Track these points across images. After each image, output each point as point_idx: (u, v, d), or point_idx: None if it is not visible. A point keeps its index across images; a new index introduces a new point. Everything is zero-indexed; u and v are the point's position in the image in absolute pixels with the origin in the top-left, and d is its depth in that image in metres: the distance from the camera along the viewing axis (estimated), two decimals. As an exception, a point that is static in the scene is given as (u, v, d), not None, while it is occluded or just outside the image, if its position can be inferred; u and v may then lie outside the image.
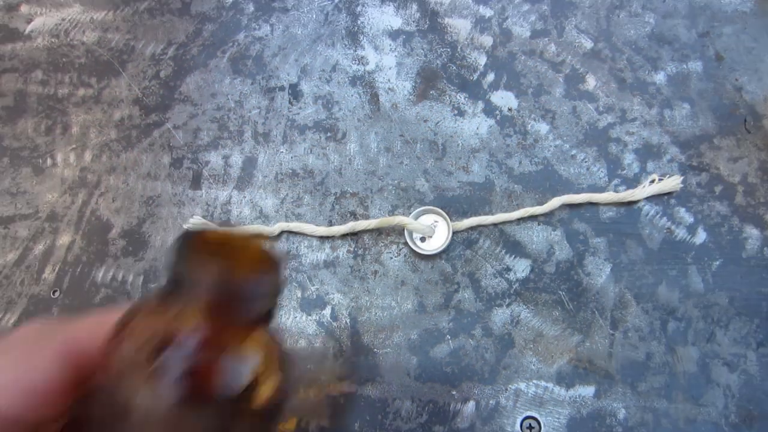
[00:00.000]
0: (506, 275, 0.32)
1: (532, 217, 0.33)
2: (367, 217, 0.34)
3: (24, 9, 0.41)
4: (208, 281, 0.17)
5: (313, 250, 0.33)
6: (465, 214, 0.33)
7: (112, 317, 0.20)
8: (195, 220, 0.33)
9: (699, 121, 0.36)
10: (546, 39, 0.39)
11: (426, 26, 0.40)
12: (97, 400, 0.18)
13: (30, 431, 0.20)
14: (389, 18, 0.41)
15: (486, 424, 0.28)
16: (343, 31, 0.40)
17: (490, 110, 0.37)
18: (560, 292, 0.31)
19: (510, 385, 0.29)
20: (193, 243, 0.18)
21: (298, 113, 0.37)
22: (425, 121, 0.36)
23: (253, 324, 0.18)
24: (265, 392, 0.17)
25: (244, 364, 0.17)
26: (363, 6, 0.41)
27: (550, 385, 0.29)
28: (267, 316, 0.18)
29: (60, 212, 0.34)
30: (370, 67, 0.39)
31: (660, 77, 0.38)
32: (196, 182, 0.35)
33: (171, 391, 0.16)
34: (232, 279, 0.17)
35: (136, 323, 0.18)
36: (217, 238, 0.18)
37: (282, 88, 0.38)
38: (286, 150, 0.36)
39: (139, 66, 0.39)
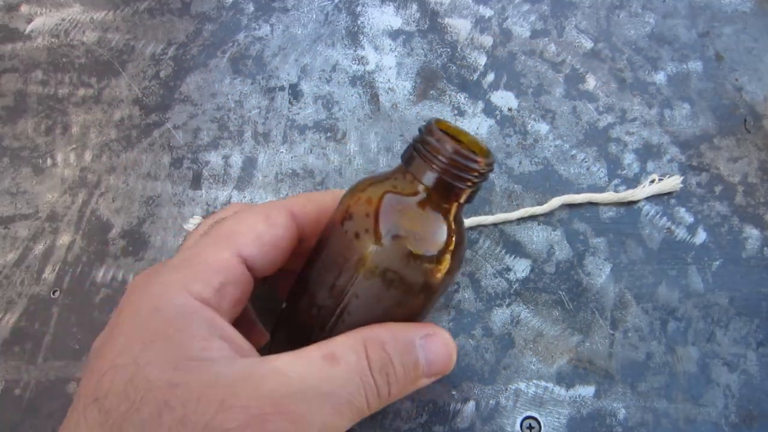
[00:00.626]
0: (506, 275, 0.32)
1: (532, 217, 0.33)
2: (367, 217, 0.34)
3: (24, 9, 0.41)
4: (443, 148, 0.21)
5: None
6: (465, 214, 0.33)
7: (317, 195, 0.26)
8: (195, 220, 0.33)
9: (699, 121, 0.36)
10: (546, 39, 0.39)
11: (426, 26, 0.40)
12: (329, 254, 0.23)
13: (252, 284, 0.24)
14: (389, 18, 0.41)
15: (486, 424, 0.28)
16: (343, 31, 0.40)
17: (490, 110, 0.37)
18: (560, 292, 0.31)
19: (510, 385, 0.29)
20: (437, 123, 0.23)
21: (298, 113, 0.37)
22: (425, 121, 0.36)
23: (459, 202, 0.22)
24: (444, 267, 0.22)
25: (445, 232, 0.22)
26: (363, 6, 0.41)
27: (550, 385, 0.29)
28: (470, 197, 0.22)
29: (60, 212, 0.34)
30: (370, 67, 0.39)
31: (660, 77, 0.38)
32: (196, 182, 0.35)
33: (392, 248, 0.21)
34: (460, 150, 0.21)
35: (364, 193, 0.22)
36: (453, 127, 0.24)
37: (282, 88, 0.38)
38: (286, 150, 0.36)
39: (139, 66, 0.39)
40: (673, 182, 0.33)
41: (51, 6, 0.42)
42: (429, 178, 0.22)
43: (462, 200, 0.22)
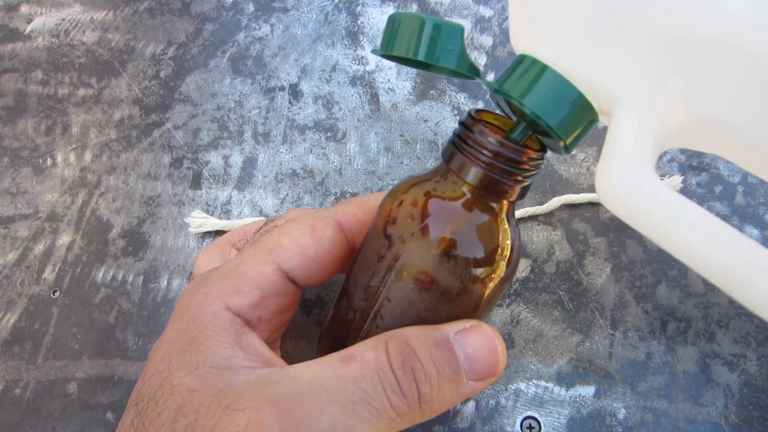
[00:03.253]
0: (506, 275, 0.32)
1: (532, 217, 0.33)
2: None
3: (24, 9, 0.41)
4: (485, 142, 0.19)
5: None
6: (465, 214, 0.33)
7: (369, 201, 0.25)
8: (195, 215, 0.33)
9: (699, 121, 0.36)
10: (546, 39, 0.39)
11: (426, 26, 0.40)
12: (373, 252, 0.21)
13: (297, 294, 0.24)
14: (389, 18, 0.40)
15: (486, 424, 0.28)
16: (343, 31, 0.40)
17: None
18: (560, 292, 0.31)
19: (510, 385, 0.29)
20: (478, 113, 0.21)
21: (298, 113, 0.37)
22: (425, 121, 0.36)
23: (509, 200, 0.20)
24: (494, 273, 0.20)
25: (496, 235, 0.20)
26: (363, 6, 0.41)
27: (550, 385, 0.29)
28: (521, 193, 0.20)
29: (60, 212, 0.34)
30: (370, 67, 0.39)
31: (660, 77, 0.38)
32: (196, 182, 0.35)
33: (432, 245, 0.19)
34: (505, 141, 0.19)
35: (408, 194, 0.21)
36: (497, 115, 0.21)
37: (282, 88, 0.38)
38: (286, 150, 0.36)
39: (139, 66, 0.39)
40: (673, 182, 0.33)
41: (51, 6, 0.42)
42: (473, 175, 0.19)
43: (512, 198, 0.20)
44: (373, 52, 0.21)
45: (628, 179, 0.18)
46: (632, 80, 0.18)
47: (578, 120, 0.20)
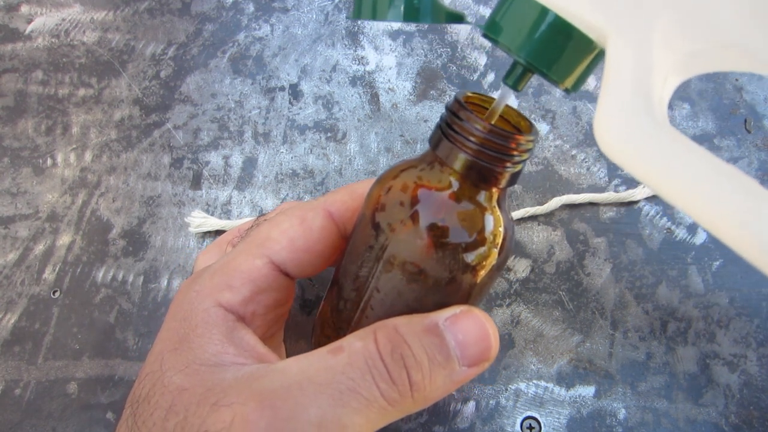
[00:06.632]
0: (506, 275, 0.32)
1: (532, 217, 0.33)
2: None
3: (24, 9, 0.41)
4: (472, 128, 0.18)
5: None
6: (465, 214, 0.33)
7: (360, 188, 0.24)
8: (195, 215, 0.33)
9: (699, 121, 0.36)
10: (546, 39, 0.39)
11: (426, 26, 0.40)
12: (361, 237, 0.21)
13: (292, 286, 0.24)
14: (389, 18, 0.40)
15: (486, 424, 0.28)
16: (343, 31, 0.40)
17: (490, 110, 0.37)
18: (560, 292, 0.31)
19: (510, 385, 0.29)
20: (466, 98, 0.20)
21: (298, 113, 0.37)
22: (425, 121, 0.36)
23: (499, 188, 0.20)
24: (485, 262, 0.20)
25: (486, 222, 0.20)
26: (363, 6, 0.41)
27: (550, 385, 0.29)
28: (512, 180, 0.20)
29: (60, 212, 0.34)
30: (370, 67, 0.39)
31: (660, 77, 0.38)
32: (196, 182, 0.35)
33: (421, 235, 0.19)
34: (493, 128, 0.18)
35: (397, 181, 0.20)
36: (486, 98, 0.21)
37: (282, 88, 0.38)
38: (286, 150, 0.36)
39: (139, 66, 0.39)
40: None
41: (51, 6, 0.42)
42: (460, 163, 0.19)
43: (502, 185, 0.20)
44: (348, 18, 0.20)
45: (621, 118, 0.16)
46: (622, 11, 0.17)
47: (577, 59, 0.18)
